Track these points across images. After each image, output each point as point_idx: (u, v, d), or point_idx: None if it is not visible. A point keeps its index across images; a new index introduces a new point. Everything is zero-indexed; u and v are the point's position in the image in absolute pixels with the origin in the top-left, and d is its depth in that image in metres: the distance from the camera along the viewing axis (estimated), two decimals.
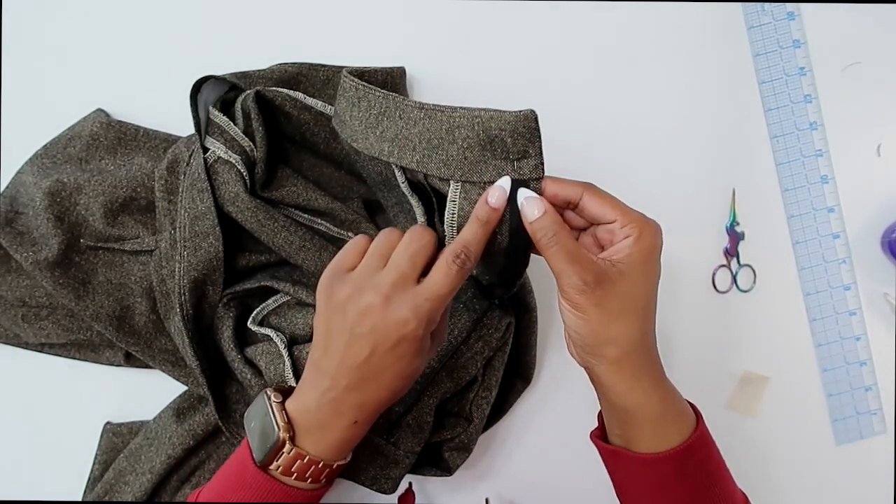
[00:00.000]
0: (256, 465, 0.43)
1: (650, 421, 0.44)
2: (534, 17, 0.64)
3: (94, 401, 0.61)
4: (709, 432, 0.47)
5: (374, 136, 0.47)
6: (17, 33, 0.62)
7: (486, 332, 0.55)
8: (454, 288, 0.43)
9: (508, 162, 0.44)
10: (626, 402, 0.44)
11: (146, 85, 0.62)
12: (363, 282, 0.43)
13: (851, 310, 0.64)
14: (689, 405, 0.47)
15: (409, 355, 0.43)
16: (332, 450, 0.44)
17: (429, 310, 0.42)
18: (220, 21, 0.63)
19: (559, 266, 0.42)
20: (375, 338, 0.42)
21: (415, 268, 0.43)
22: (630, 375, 0.44)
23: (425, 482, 0.62)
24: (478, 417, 0.57)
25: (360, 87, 0.47)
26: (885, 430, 0.64)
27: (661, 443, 0.44)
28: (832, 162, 0.64)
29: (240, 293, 0.57)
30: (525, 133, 0.43)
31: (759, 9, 0.64)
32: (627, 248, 0.43)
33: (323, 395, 0.44)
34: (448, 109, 0.44)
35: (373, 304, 0.42)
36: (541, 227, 0.43)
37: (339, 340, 0.43)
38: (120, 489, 0.58)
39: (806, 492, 0.64)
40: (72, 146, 0.60)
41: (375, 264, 0.44)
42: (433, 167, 0.45)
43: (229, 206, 0.54)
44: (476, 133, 0.43)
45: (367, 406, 0.44)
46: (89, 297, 0.57)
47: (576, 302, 0.42)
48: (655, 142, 0.64)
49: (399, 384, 0.44)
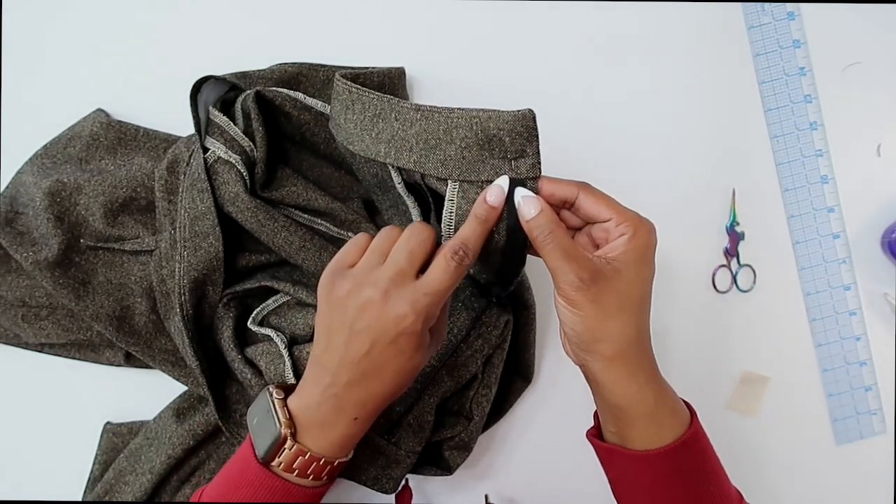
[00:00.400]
0: (258, 462, 0.44)
1: (645, 417, 0.45)
2: (533, 16, 0.63)
3: (94, 401, 0.61)
4: (703, 430, 0.47)
5: (369, 138, 0.47)
6: (17, 33, 0.62)
7: (485, 329, 0.55)
8: (452, 284, 0.43)
9: (506, 161, 0.44)
10: (621, 398, 0.44)
11: (146, 85, 0.62)
12: (363, 277, 0.43)
13: (851, 310, 0.64)
14: (684, 403, 0.47)
15: (408, 350, 0.43)
16: (334, 446, 0.45)
17: (427, 304, 0.42)
18: (220, 21, 0.63)
19: (555, 263, 0.43)
20: (375, 332, 0.42)
21: (413, 263, 0.43)
22: (625, 372, 0.44)
23: (424, 481, 0.62)
24: (478, 415, 0.57)
25: (353, 89, 0.47)
26: (885, 430, 0.64)
27: (655, 439, 0.45)
28: (832, 162, 0.64)
29: (240, 293, 0.57)
30: (523, 132, 0.44)
31: (759, 9, 0.64)
32: (622, 246, 0.43)
33: (324, 392, 0.44)
34: (445, 110, 0.44)
35: (372, 298, 0.42)
36: (537, 225, 0.43)
37: (339, 336, 0.43)
38: (120, 489, 0.58)
39: (806, 492, 0.64)
40: (72, 146, 0.60)
41: (375, 261, 0.44)
42: (431, 167, 0.45)
43: (229, 206, 0.54)
44: (474, 133, 0.44)
45: (369, 402, 0.44)
46: (89, 297, 0.57)
47: (572, 299, 0.43)
48: (655, 142, 0.64)
49: (400, 380, 0.44)
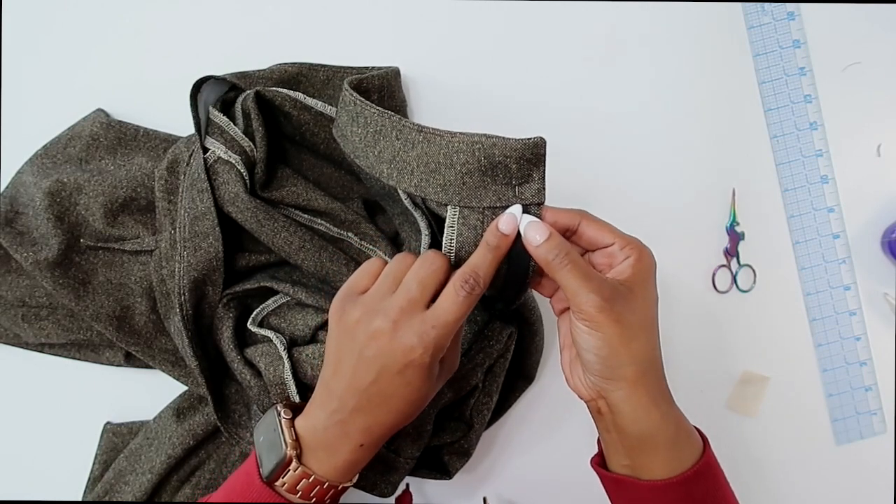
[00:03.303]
0: (262, 481, 0.43)
1: (667, 445, 0.44)
2: (531, 16, 0.63)
3: (94, 401, 0.61)
4: (714, 455, 0.46)
5: (373, 155, 0.46)
6: (17, 33, 0.62)
7: (486, 343, 0.55)
8: (463, 314, 0.42)
9: (510, 187, 0.44)
10: (645, 427, 0.43)
11: (146, 85, 0.62)
12: (374, 305, 0.43)
13: (851, 310, 0.64)
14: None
15: (416, 381, 0.42)
16: (339, 471, 0.44)
17: (435, 337, 0.41)
18: (220, 21, 0.62)
19: (574, 284, 0.42)
20: (382, 362, 0.42)
21: (424, 293, 0.43)
22: (647, 398, 0.43)
23: (424, 482, 0.62)
24: (478, 423, 0.57)
25: (357, 102, 0.47)
26: (885, 430, 0.64)
27: (676, 466, 0.44)
28: (832, 162, 0.64)
29: (239, 293, 0.57)
30: (532, 159, 0.43)
31: (759, 9, 0.64)
32: (630, 269, 0.43)
33: (331, 416, 0.44)
34: (447, 134, 0.44)
35: (381, 328, 0.42)
36: (549, 248, 0.43)
37: (348, 362, 0.43)
38: (120, 489, 0.58)
39: (806, 492, 0.64)
40: (72, 146, 0.60)
41: (387, 288, 0.43)
42: (431, 191, 0.45)
43: (229, 207, 0.54)
44: (476, 159, 0.43)
45: (374, 430, 0.44)
46: (89, 297, 0.57)
47: (596, 320, 0.42)
48: (655, 142, 0.64)
49: (407, 409, 0.44)
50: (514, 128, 0.62)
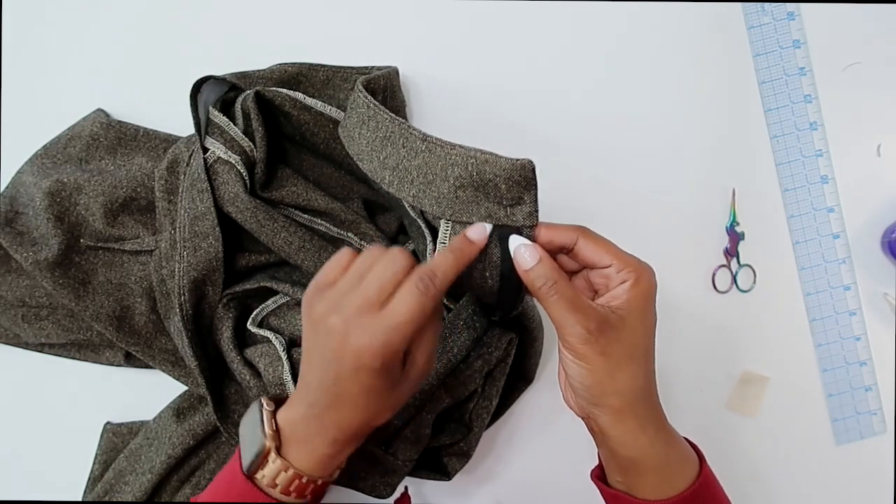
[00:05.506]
0: (244, 474, 0.43)
1: (656, 469, 0.43)
2: (531, 17, 0.63)
3: (94, 401, 0.61)
4: (713, 474, 0.46)
5: (377, 161, 0.46)
6: (17, 33, 0.62)
7: (485, 350, 0.54)
8: (416, 315, 0.39)
9: (501, 207, 0.43)
10: (632, 451, 0.43)
11: (146, 85, 0.62)
12: (336, 301, 0.41)
13: (851, 310, 0.64)
14: (690, 444, 0.46)
15: (371, 383, 0.40)
16: (316, 465, 0.43)
17: (386, 341, 0.39)
18: (220, 21, 0.63)
19: (560, 315, 0.42)
20: (338, 363, 0.40)
21: (381, 293, 0.40)
22: (635, 425, 0.43)
23: (422, 484, 0.62)
24: (477, 426, 0.57)
25: (371, 105, 0.46)
26: (885, 430, 0.64)
27: (667, 489, 0.43)
28: (832, 162, 0.64)
29: (239, 294, 0.57)
30: (521, 181, 0.42)
31: (759, 9, 0.64)
32: (625, 294, 0.42)
33: (308, 409, 0.43)
34: (447, 146, 0.43)
35: (335, 327, 0.40)
36: (538, 275, 0.42)
37: (316, 358, 0.42)
38: (120, 489, 0.58)
39: (806, 492, 0.64)
40: (72, 146, 0.60)
41: (351, 285, 0.41)
42: (426, 203, 0.44)
43: (229, 207, 0.54)
44: (469, 174, 0.43)
45: (345, 426, 0.43)
46: (89, 297, 0.57)
47: (580, 352, 0.41)
48: (655, 142, 0.64)
49: (374, 408, 0.42)
50: (515, 127, 0.62)
